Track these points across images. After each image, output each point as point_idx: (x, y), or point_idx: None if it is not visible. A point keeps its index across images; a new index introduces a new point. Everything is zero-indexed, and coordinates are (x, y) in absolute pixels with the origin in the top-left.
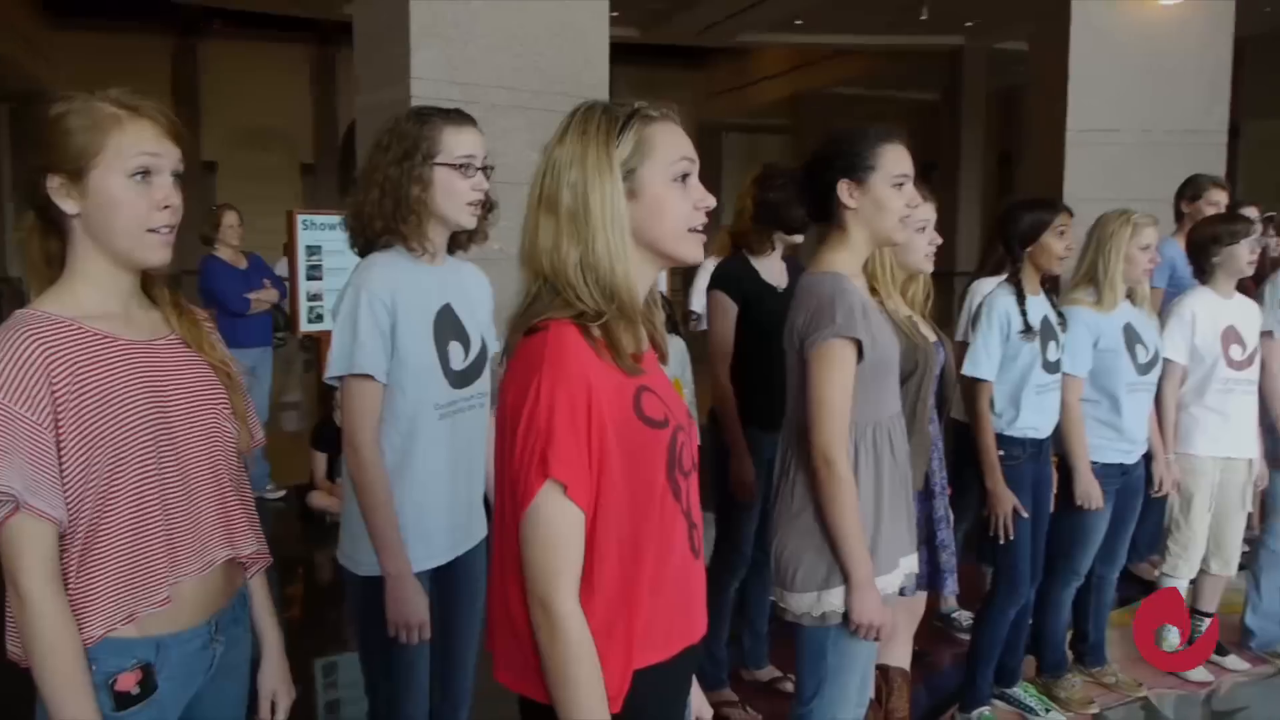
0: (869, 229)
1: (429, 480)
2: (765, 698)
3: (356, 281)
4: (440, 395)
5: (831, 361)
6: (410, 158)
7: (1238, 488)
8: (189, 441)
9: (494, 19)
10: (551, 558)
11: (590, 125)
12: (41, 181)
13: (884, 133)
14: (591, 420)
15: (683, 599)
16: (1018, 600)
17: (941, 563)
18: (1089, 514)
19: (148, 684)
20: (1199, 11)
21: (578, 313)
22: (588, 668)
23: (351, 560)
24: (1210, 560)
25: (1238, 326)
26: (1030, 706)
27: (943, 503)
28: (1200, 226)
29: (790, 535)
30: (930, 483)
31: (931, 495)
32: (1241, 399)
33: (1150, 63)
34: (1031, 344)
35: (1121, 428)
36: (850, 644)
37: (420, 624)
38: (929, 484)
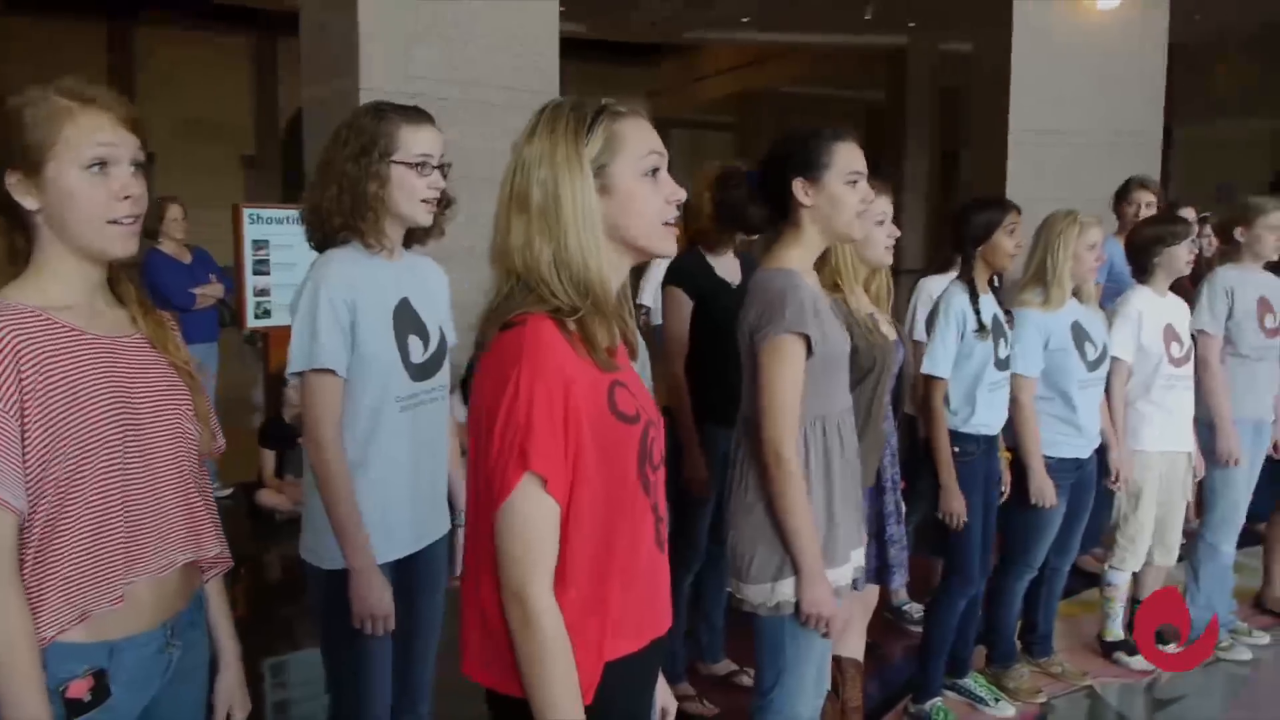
0: (824, 226)
1: (391, 473)
2: (722, 691)
3: (315, 277)
4: (401, 388)
5: (781, 357)
6: (368, 154)
7: (1179, 480)
8: (155, 441)
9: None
10: (527, 550)
11: (559, 122)
12: (0, 178)
13: (837, 131)
14: (568, 414)
15: (650, 591)
16: (968, 592)
17: (890, 557)
18: (1043, 510)
19: (100, 690)
20: (1136, 17)
21: (553, 308)
22: (562, 660)
23: (314, 554)
24: (1154, 551)
25: (1175, 325)
26: (980, 696)
27: (893, 498)
28: (1141, 227)
29: (745, 528)
30: (882, 478)
31: (883, 491)
32: (1181, 394)
33: (1089, 66)
34: (985, 342)
35: (1077, 423)
36: (806, 635)
37: (385, 615)
38: (880, 479)
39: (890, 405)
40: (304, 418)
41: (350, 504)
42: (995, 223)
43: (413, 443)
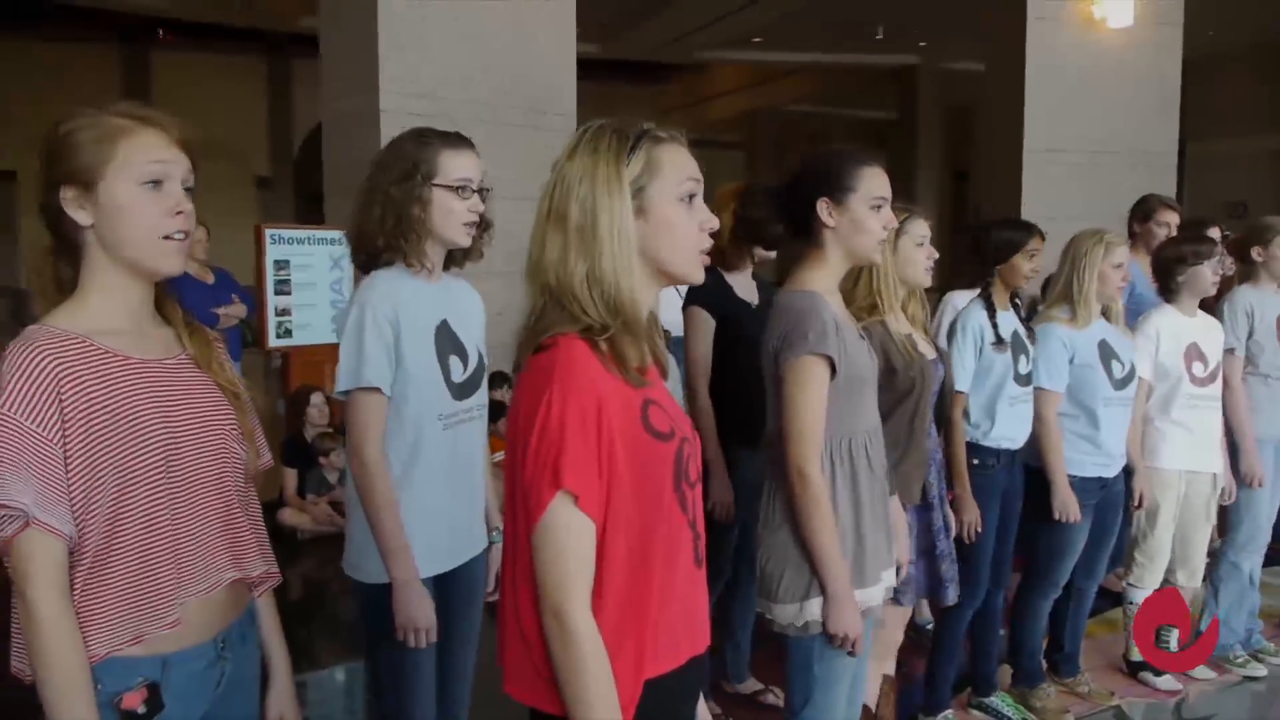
0: (846, 248)
1: (432, 489)
2: (749, 710)
3: (360, 298)
4: (443, 406)
5: (805, 378)
6: (410, 178)
7: (1202, 500)
8: (198, 462)
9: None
10: (564, 567)
11: (601, 143)
12: (54, 196)
13: (864, 156)
14: (602, 432)
15: (688, 608)
16: (975, 602)
17: (942, 572)
18: (1067, 526)
19: (153, 703)
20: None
21: (585, 326)
22: (601, 677)
23: (358, 569)
24: (1177, 572)
25: (1200, 344)
26: (1007, 716)
27: (940, 513)
28: (1166, 247)
29: (774, 548)
30: (928, 494)
31: (930, 507)
32: (1206, 414)
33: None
34: (1004, 356)
35: (1099, 442)
36: (835, 655)
37: (428, 626)
38: (927, 495)
39: (934, 422)
40: (349, 435)
41: (394, 518)
42: (1017, 245)
43: (453, 460)
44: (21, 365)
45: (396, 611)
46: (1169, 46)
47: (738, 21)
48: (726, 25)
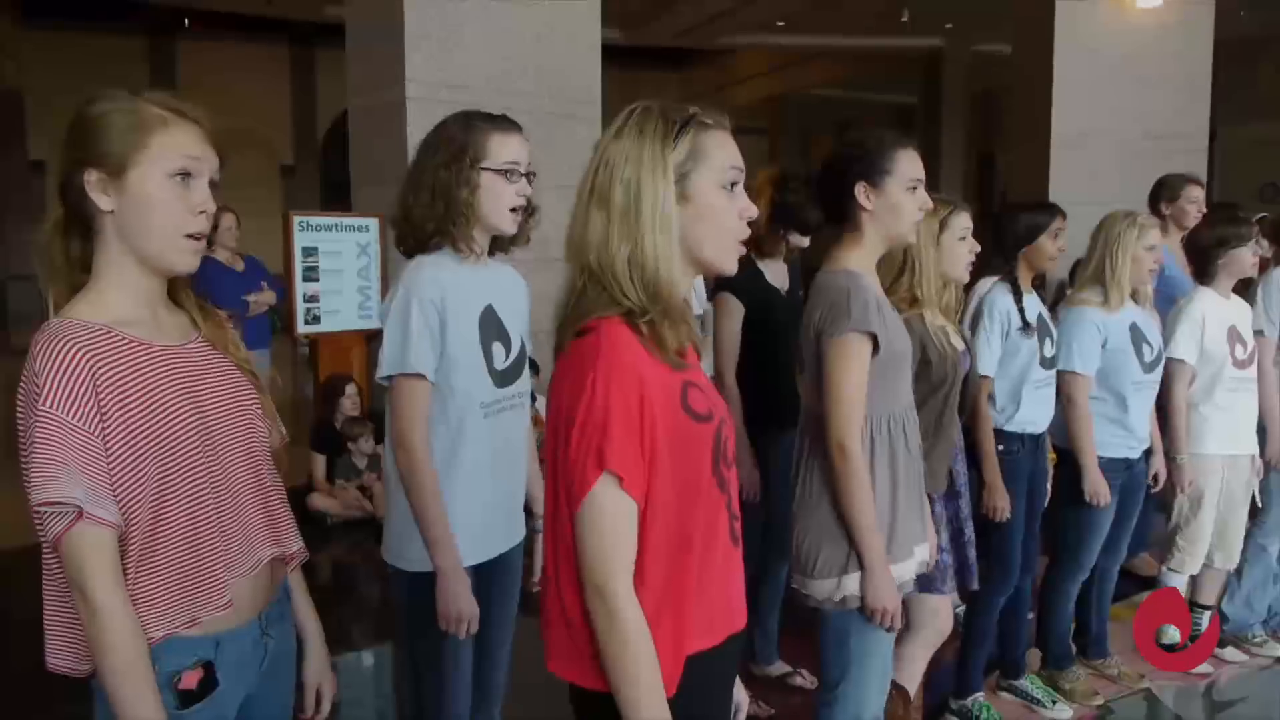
0: (883, 231)
1: (475, 477)
2: (777, 692)
3: (407, 282)
4: (486, 394)
5: (847, 355)
6: (459, 161)
7: (1242, 483)
8: (229, 443)
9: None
10: (607, 547)
11: (648, 125)
12: (78, 176)
13: (899, 138)
14: (644, 415)
15: (726, 588)
16: (1009, 588)
17: (969, 559)
18: (1096, 509)
19: (209, 681)
20: (1179, 16)
21: (625, 310)
22: (645, 653)
23: (399, 557)
24: (1214, 554)
25: (1238, 326)
26: (1037, 698)
27: (966, 501)
28: (1203, 228)
29: (810, 523)
30: (955, 483)
31: (957, 495)
32: (1245, 396)
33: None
34: (1030, 340)
35: (1128, 424)
36: (872, 630)
37: (472, 616)
38: (953, 483)
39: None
40: (392, 421)
41: (439, 506)
42: (1041, 226)
43: (495, 448)
44: (56, 360)
45: (440, 600)
46: (1200, 28)
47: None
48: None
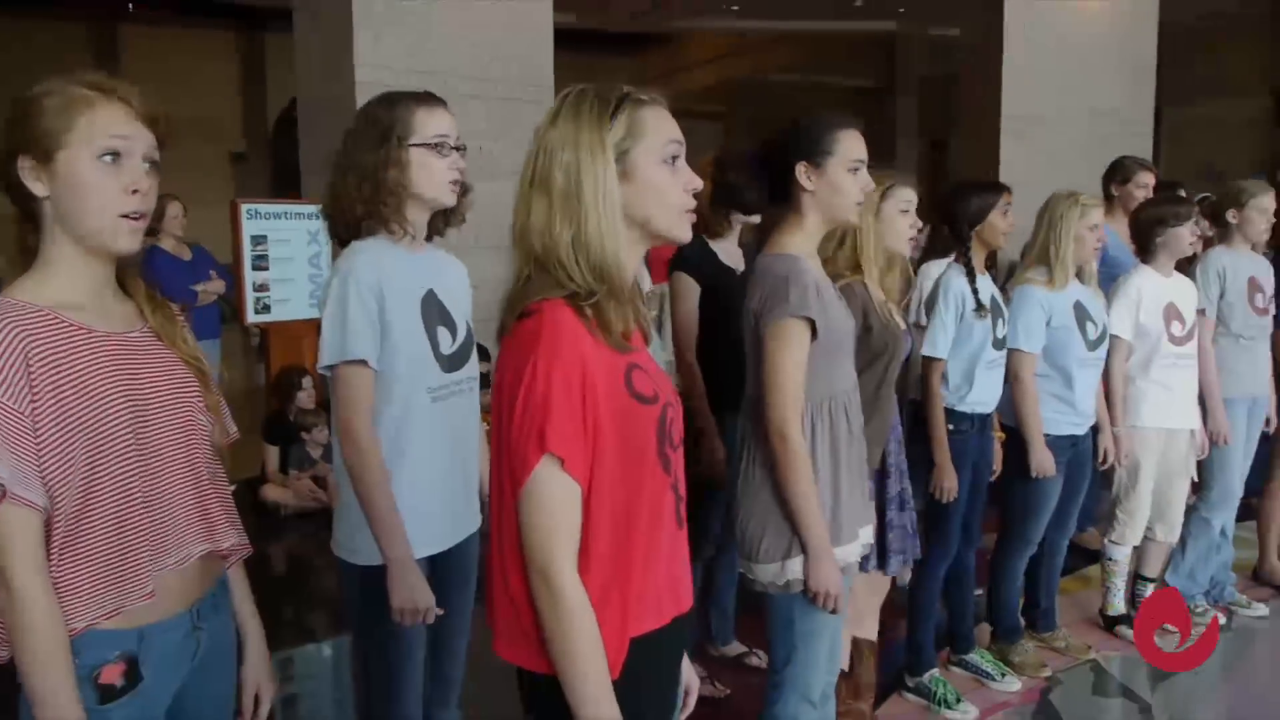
0: (825, 211)
1: (425, 465)
2: (733, 672)
3: (342, 269)
4: (433, 379)
5: (786, 340)
6: (386, 141)
7: (1181, 457)
8: (165, 435)
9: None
10: (550, 529)
11: (583, 107)
12: (12, 165)
13: (841, 119)
14: (586, 397)
15: (672, 568)
16: (947, 559)
17: (889, 542)
18: (1042, 484)
19: (132, 676)
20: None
21: (570, 292)
22: (589, 635)
23: (349, 550)
24: (1155, 527)
25: (1177, 304)
26: (987, 672)
27: (898, 485)
28: (1145, 208)
29: (753, 508)
30: (886, 463)
31: (886, 475)
32: (1183, 373)
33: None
34: (984, 321)
35: (1073, 401)
36: (816, 612)
37: (427, 608)
38: (885, 465)
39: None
40: (337, 412)
41: (387, 497)
42: (990, 204)
43: (445, 435)
44: None
45: (393, 593)
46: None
47: None
48: None
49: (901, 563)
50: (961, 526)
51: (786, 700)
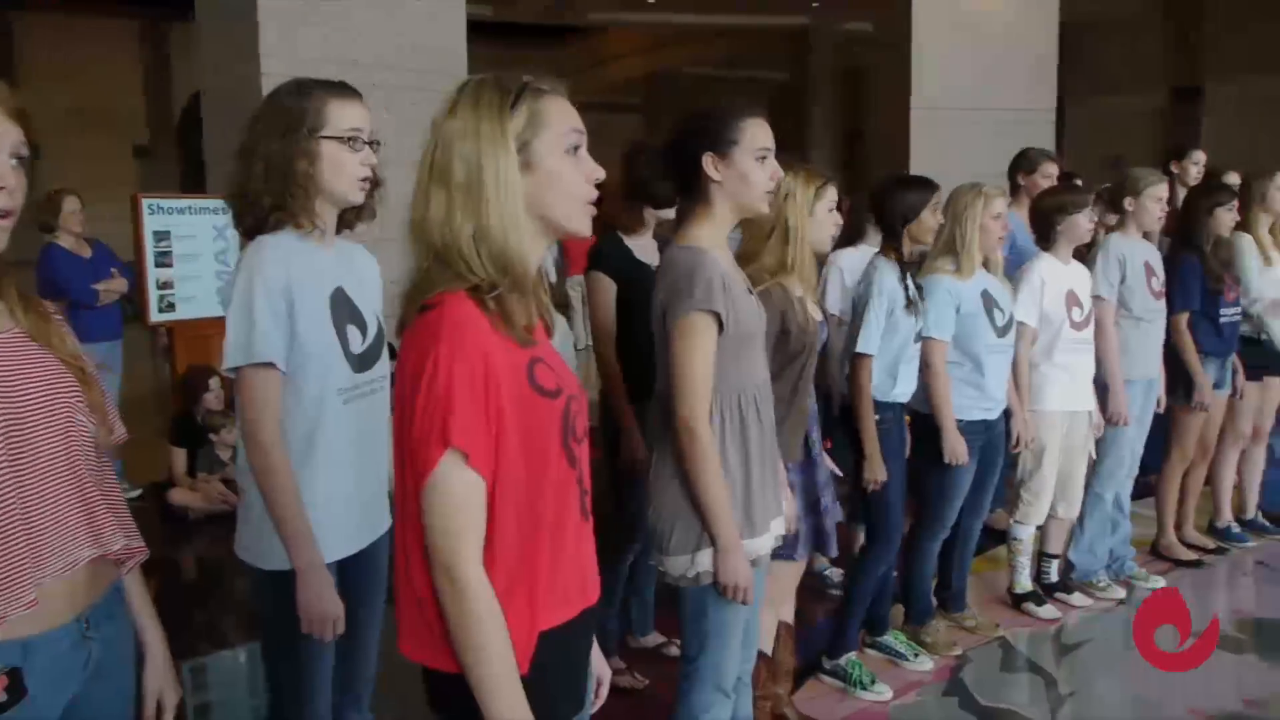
0: (733, 201)
1: (334, 468)
2: (652, 663)
3: (248, 265)
4: (342, 379)
5: (692, 334)
6: (295, 131)
7: (1081, 437)
8: (41, 437)
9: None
10: (454, 525)
11: (482, 97)
12: None
13: (746, 108)
14: (489, 390)
15: (578, 561)
16: (890, 555)
17: (825, 526)
18: (955, 469)
19: (16, 690)
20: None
21: (471, 285)
22: (495, 631)
23: (254, 555)
24: (1057, 505)
25: (1077, 290)
26: (900, 652)
27: (822, 469)
28: (1044, 197)
29: (664, 502)
30: (811, 451)
31: (813, 464)
32: (1083, 357)
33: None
34: (910, 317)
35: (984, 387)
36: (727, 603)
37: (336, 616)
38: (809, 452)
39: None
40: (242, 415)
41: (295, 501)
42: (924, 201)
43: (354, 436)
44: None
45: (301, 601)
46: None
47: None
48: None
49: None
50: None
51: (700, 690)
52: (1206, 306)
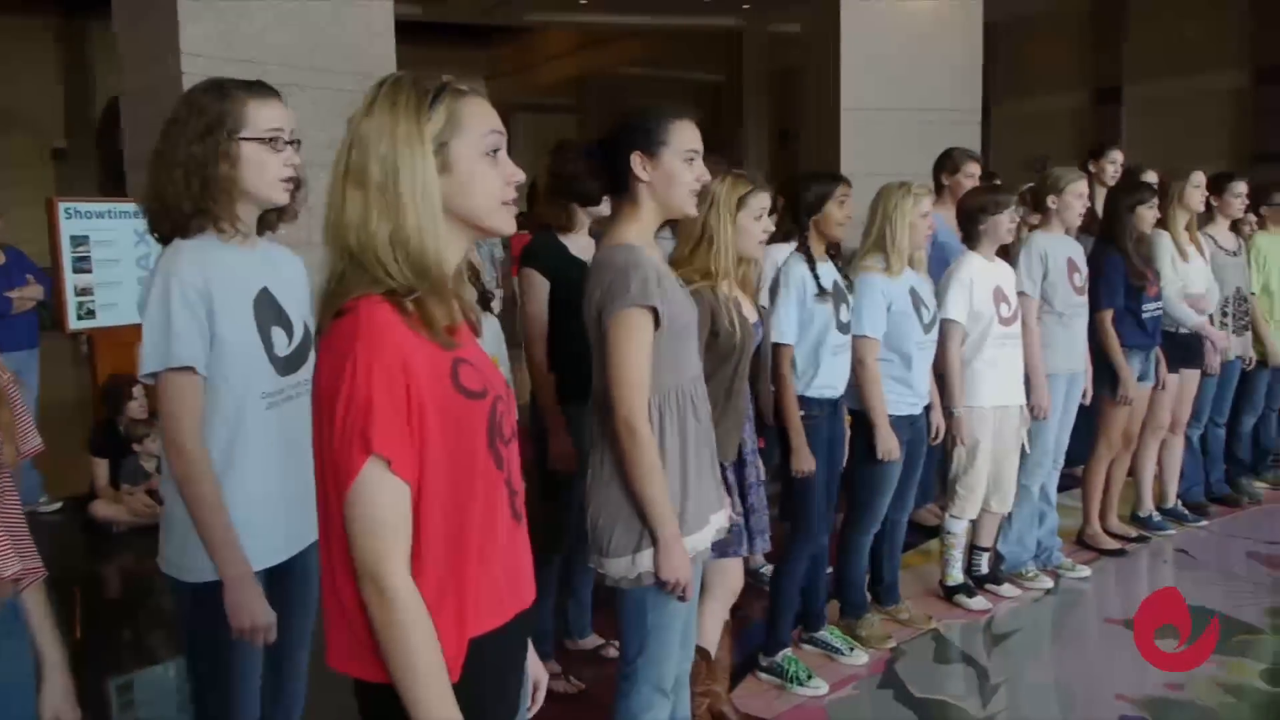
0: (661, 201)
1: (261, 474)
2: (589, 665)
3: (164, 269)
4: (267, 383)
5: (629, 331)
6: (213, 133)
7: (1012, 431)
8: None
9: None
10: (379, 533)
11: (400, 97)
12: None
13: (675, 110)
14: (410, 394)
15: (510, 565)
16: (811, 549)
17: (752, 524)
18: (886, 464)
19: None
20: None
21: (389, 289)
22: (425, 639)
23: (178, 568)
24: (990, 499)
25: (1003, 287)
26: (836, 647)
27: (754, 469)
28: (969, 197)
29: (604, 503)
30: (742, 450)
31: (744, 463)
32: (1011, 352)
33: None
34: (825, 306)
35: (911, 382)
36: (668, 602)
37: (267, 626)
38: (741, 451)
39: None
40: (162, 422)
41: (219, 510)
42: (826, 195)
43: (282, 441)
44: None
45: (231, 612)
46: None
47: None
48: None
49: (766, 540)
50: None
51: (639, 691)
52: (1130, 302)
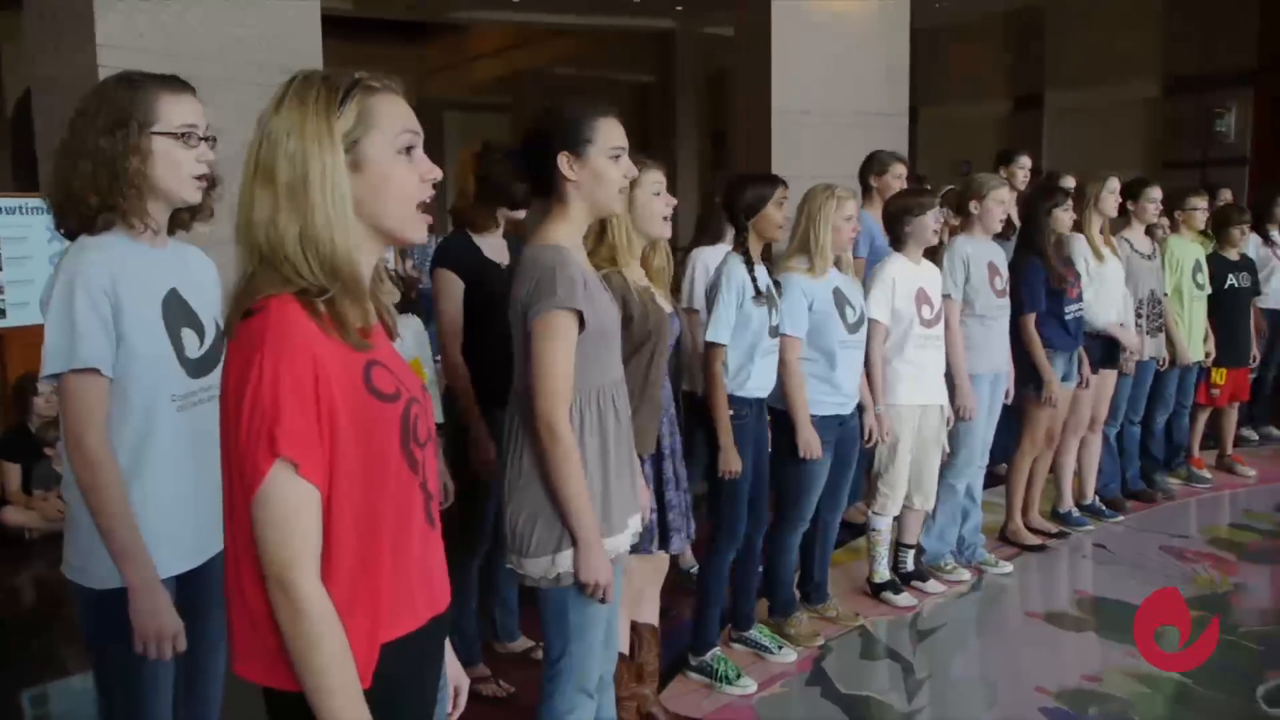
0: (588, 200)
1: (171, 479)
2: (519, 668)
3: (68, 267)
4: (177, 385)
5: (553, 332)
6: (124, 126)
7: (933, 430)
8: None
9: None
10: (287, 538)
11: (309, 94)
12: None
13: (600, 108)
14: (319, 396)
15: (424, 569)
16: (735, 545)
17: (669, 521)
18: (811, 463)
19: None
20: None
21: (299, 289)
22: (335, 645)
23: (82, 574)
24: (913, 497)
25: (926, 289)
26: (765, 646)
27: (672, 465)
28: (894, 199)
29: (523, 503)
30: (661, 445)
31: (662, 458)
32: (933, 353)
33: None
34: (761, 309)
35: (836, 382)
36: (589, 603)
37: (175, 634)
38: (660, 446)
39: (670, 377)
40: (65, 424)
41: (125, 515)
42: (765, 197)
43: (191, 445)
44: None
45: (135, 619)
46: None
47: None
48: None
49: (683, 539)
50: (748, 509)
51: (563, 691)
52: (1052, 305)
